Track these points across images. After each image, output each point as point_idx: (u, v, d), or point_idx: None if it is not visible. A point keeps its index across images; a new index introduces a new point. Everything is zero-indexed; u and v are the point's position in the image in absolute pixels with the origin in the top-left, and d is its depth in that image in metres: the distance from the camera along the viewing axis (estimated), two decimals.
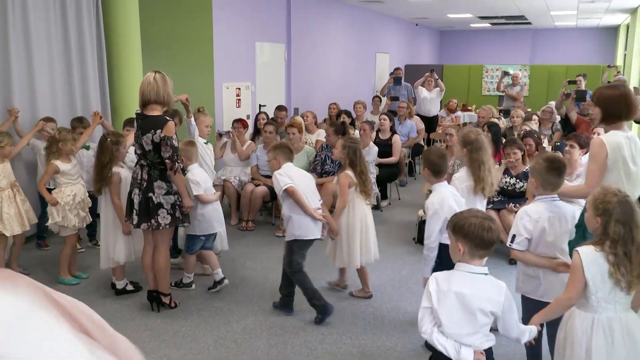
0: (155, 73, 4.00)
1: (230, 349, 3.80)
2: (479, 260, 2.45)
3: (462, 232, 2.41)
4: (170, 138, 3.90)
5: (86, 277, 5.01)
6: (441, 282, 2.42)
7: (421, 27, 19.13)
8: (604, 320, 2.44)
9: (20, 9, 5.63)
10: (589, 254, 2.47)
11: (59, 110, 6.07)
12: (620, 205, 2.44)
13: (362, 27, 14.28)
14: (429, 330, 2.41)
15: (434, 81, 10.73)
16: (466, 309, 2.36)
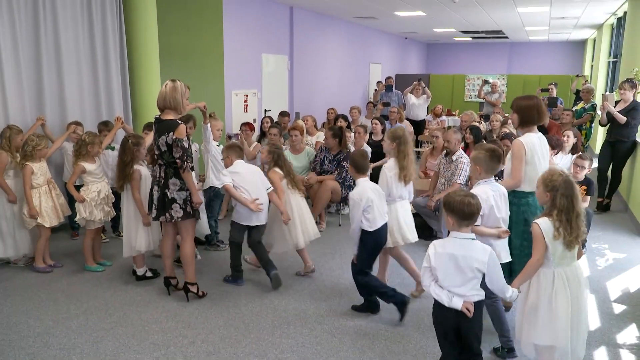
0: (169, 81, 3.98)
1: (238, 329, 3.78)
2: (466, 229, 2.75)
3: (449, 208, 2.75)
4: (180, 140, 3.89)
5: (110, 264, 4.98)
6: (438, 247, 2.79)
7: (410, 40, 19.09)
8: (561, 273, 2.87)
9: (51, 23, 5.59)
10: (545, 223, 2.84)
11: (86, 115, 6.04)
12: (564, 183, 2.82)
13: (357, 41, 14.24)
14: (427, 284, 2.81)
15: (421, 89, 10.71)
16: (457, 266, 2.70)
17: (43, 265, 4.77)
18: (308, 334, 3.72)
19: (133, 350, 3.48)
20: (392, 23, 13.98)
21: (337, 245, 5.65)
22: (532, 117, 3.61)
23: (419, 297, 4.33)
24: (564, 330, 2.82)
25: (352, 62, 14.06)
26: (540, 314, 2.87)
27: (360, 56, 14.59)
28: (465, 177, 5.60)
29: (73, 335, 3.67)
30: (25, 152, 4.59)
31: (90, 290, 4.43)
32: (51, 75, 5.64)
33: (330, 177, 6.12)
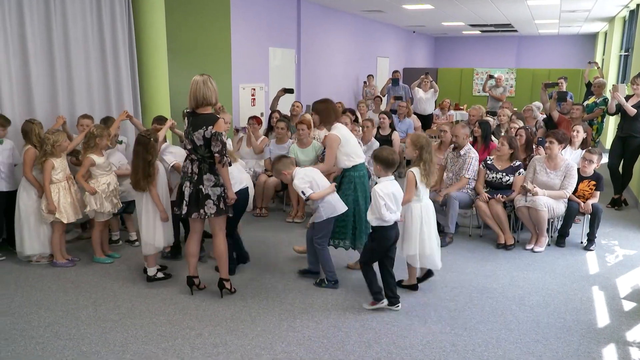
0: (198, 76, 3.89)
1: (245, 322, 3.82)
2: (390, 174, 3.88)
3: (379, 159, 3.85)
4: (220, 134, 3.84)
5: (119, 256, 5.03)
6: (383, 189, 3.78)
7: (418, 34, 19.01)
8: (425, 204, 4.12)
9: (61, 19, 5.62)
10: (417, 171, 4.05)
11: (95, 110, 6.08)
12: (427, 142, 4.05)
13: (364, 34, 14.20)
14: (384, 213, 3.75)
15: (429, 83, 10.67)
16: (394, 197, 3.81)
17: (64, 261, 4.80)
18: (314, 328, 3.75)
19: (141, 341, 3.52)
20: (399, 16, 13.92)
21: None
22: (330, 116, 4.49)
23: (426, 293, 4.34)
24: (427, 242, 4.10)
25: (360, 56, 14.02)
26: (412, 234, 4.06)
27: (368, 50, 14.55)
28: (474, 172, 5.59)
29: (82, 326, 3.72)
30: (45, 150, 4.59)
31: (99, 281, 4.48)
32: (62, 70, 5.68)
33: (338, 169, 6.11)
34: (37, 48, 5.40)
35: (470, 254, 5.29)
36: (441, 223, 5.72)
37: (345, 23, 13.01)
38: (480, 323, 3.84)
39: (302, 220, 6.25)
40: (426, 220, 4.12)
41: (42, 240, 4.74)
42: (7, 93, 5.14)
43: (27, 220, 4.68)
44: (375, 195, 3.76)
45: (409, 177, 4.08)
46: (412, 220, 4.07)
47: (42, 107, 5.49)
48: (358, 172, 4.52)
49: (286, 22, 10.49)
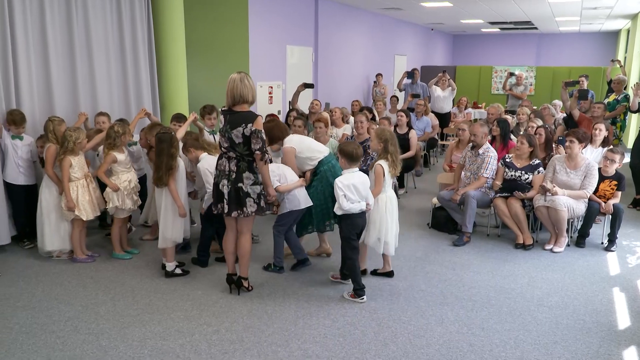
0: (235, 74, 3.88)
1: (261, 319, 3.83)
2: (355, 167, 4.05)
3: (344, 153, 4.03)
4: (260, 131, 3.83)
5: (137, 252, 5.09)
6: (344, 180, 3.97)
7: (436, 31, 18.87)
8: (389, 195, 4.33)
9: (82, 18, 5.71)
10: (384, 163, 4.24)
11: (115, 107, 6.16)
12: (390, 135, 4.27)
13: (382, 32, 14.13)
14: (344, 203, 3.94)
15: (447, 81, 10.59)
16: (355, 188, 3.97)
17: (84, 257, 4.87)
18: (330, 326, 3.75)
19: (159, 337, 3.55)
20: (418, 14, 13.83)
21: None
22: (277, 134, 4.64)
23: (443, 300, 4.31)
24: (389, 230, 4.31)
25: (377, 54, 13.97)
26: (375, 222, 4.27)
27: (385, 48, 14.48)
28: (493, 171, 5.54)
29: (101, 321, 3.76)
30: (66, 146, 4.65)
31: (118, 277, 4.54)
32: (82, 69, 5.76)
33: None
34: (58, 47, 5.49)
35: (488, 253, 5.24)
36: (458, 222, 5.68)
37: (363, 21, 12.97)
38: (498, 323, 3.81)
39: None
40: (389, 209, 4.34)
41: (62, 236, 4.81)
42: (28, 91, 5.24)
43: (48, 216, 4.75)
44: (336, 187, 3.99)
45: (377, 169, 4.28)
46: (377, 210, 4.29)
47: (63, 105, 5.58)
48: (326, 166, 4.65)
49: (304, 20, 10.49)
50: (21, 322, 3.72)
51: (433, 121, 9.33)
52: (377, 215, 4.28)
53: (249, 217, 4.06)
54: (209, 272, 4.66)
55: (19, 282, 4.40)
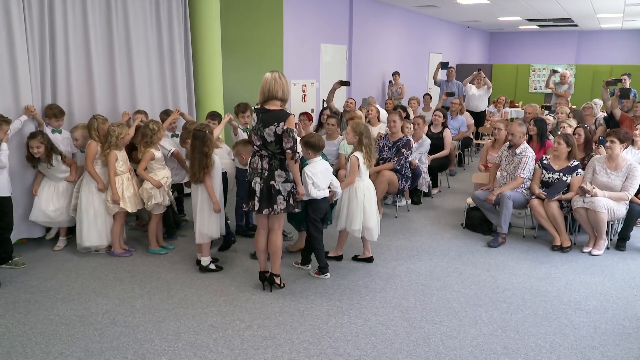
0: (269, 73, 3.90)
1: (293, 316, 3.84)
2: (317, 156, 4.29)
3: (309, 145, 4.23)
4: (291, 130, 3.85)
5: (172, 247, 5.18)
6: (312, 169, 4.21)
7: (472, 29, 18.58)
8: (365, 183, 4.63)
9: (122, 19, 5.84)
10: (360, 155, 4.56)
11: (154, 104, 6.28)
12: (365, 128, 4.60)
13: (417, 30, 14.00)
14: (311, 190, 4.18)
15: (482, 79, 10.41)
16: (322, 175, 4.26)
17: (121, 251, 4.99)
18: (362, 325, 3.73)
19: (193, 331, 3.61)
20: (453, 11, 13.64)
21: (392, 237, 5.62)
22: None
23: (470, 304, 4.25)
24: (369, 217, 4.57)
25: (412, 52, 13.84)
26: (356, 210, 4.53)
27: (420, 46, 14.34)
28: (530, 172, 5.42)
29: (137, 314, 3.85)
30: (110, 141, 4.76)
31: (154, 272, 4.63)
32: (122, 69, 5.89)
33: (388, 165, 6.07)
34: (98, 47, 5.63)
35: (524, 255, 5.13)
36: (493, 223, 5.58)
37: (398, 18, 12.87)
38: (533, 326, 3.72)
39: None
40: (367, 197, 4.62)
41: (100, 232, 4.92)
42: (66, 88, 5.40)
43: (87, 212, 4.87)
44: (304, 176, 4.19)
45: (352, 160, 4.59)
46: (356, 198, 4.58)
47: (103, 103, 5.72)
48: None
49: (338, 18, 10.48)
50: (61, 314, 3.84)
51: (468, 120, 9.19)
52: (357, 204, 4.58)
53: (279, 215, 4.08)
54: (242, 268, 4.71)
55: (59, 275, 4.54)
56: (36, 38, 5.10)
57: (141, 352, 3.36)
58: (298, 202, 4.13)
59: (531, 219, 5.77)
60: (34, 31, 5.07)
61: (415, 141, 6.76)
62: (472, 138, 9.87)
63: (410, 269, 4.75)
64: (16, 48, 4.87)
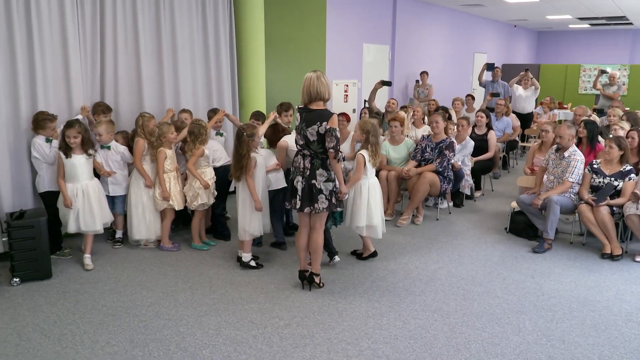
0: (312, 73, 3.94)
1: (332, 316, 3.85)
2: None
3: None
4: (335, 130, 3.87)
5: (214, 244, 5.27)
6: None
7: (519, 28, 18.14)
8: (371, 182, 4.65)
9: (169, 21, 5.99)
10: (365, 153, 4.57)
11: (199, 104, 6.41)
12: (372, 127, 4.58)
13: (462, 29, 13.78)
14: None
15: (529, 80, 10.15)
16: None
17: (170, 245, 5.13)
18: (401, 327, 3.71)
19: (233, 327, 3.67)
20: (500, 10, 13.35)
21: (433, 240, 5.55)
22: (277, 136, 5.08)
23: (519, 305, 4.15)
24: (374, 215, 4.60)
25: (456, 52, 13.63)
26: (361, 207, 4.54)
27: (465, 46, 14.11)
28: (579, 176, 5.25)
29: (180, 308, 3.94)
30: (158, 139, 4.90)
31: (196, 267, 4.73)
32: (169, 69, 6.05)
33: (430, 167, 6.00)
34: (147, 49, 5.80)
35: (571, 262, 4.98)
36: (539, 228, 5.44)
37: (442, 18, 12.70)
38: (580, 337, 3.61)
39: (391, 217, 6.20)
40: (372, 195, 4.65)
41: (148, 226, 5.06)
42: (113, 89, 5.59)
43: (136, 208, 5.02)
44: None
45: (358, 158, 4.64)
46: (360, 196, 4.60)
47: (150, 102, 5.88)
48: None
49: (381, 18, 10.42)
50: (108, 305, 3.97)
51: (514, 122, 8.98)
52: (361, 202, 4.60)
53: (321, 214, 4.10)
54: (282, 266, 4.75)
55: (107, 267, 4.70)
56: (88, 39, 5.30)
57: (183, 345, 3.44)
58: (340, 201, 4.14)
59: (579, 224, 5.60)
60: (86, 33, 5.28)
61: (459, 143, 6.66)
62: (518, 140, 9.64)
63: (451, 272, 4.69)
64: (69, 50, 5.08)
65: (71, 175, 4.56)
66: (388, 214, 6.24)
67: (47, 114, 4.69)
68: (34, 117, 4.69)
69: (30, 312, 3.85)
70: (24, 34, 4.78)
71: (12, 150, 4.78)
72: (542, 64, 17.05)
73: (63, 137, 4.52)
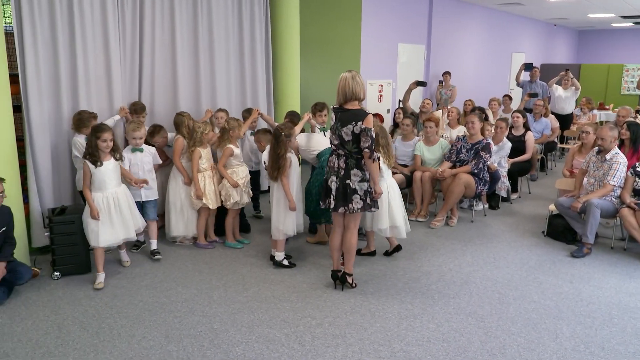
0: (347, 73, 3.94)
1: (364, 316, 3.84)
2: None
3: None
4: (370, 129, 3.86)
5: (248, 242, 5.32)
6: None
7: (559, 27, 17.69)
8: (388, 182, 4.69)
9: (206, 21, 6.08)
10: None
11: (233, 103, 6.49)
12: (380, 129, 4.62)
13: (499, 28, 13.53)
14: None
15: (570, 80, 9.89)
16: None
17: (205, 243, 5.21)
18: (435, 330, 3.67)
19: (266, 325, 3.70)
20: (539, 9, 13.05)
21: (468, 242, 5.47)
22: None
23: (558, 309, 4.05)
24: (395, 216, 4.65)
25: (493, 52, 13.40)
26: (381, 209, 4.48)
27: (502, 45, 13.85)
28: (621, 179, 5.08)
29: (214, 305, 3.99)
30: (195, 138, 4.96)
31: (230, 265, 4.78)
32: (205, 69, 6.14)
33: (465, 168, 5.91)
34: (184, 49, 5.90)
35: (612, 267, 4.82)
36: (578, 232, 5.29)
37: (480, 17, 12.50)
38: (621, 344, 3.50)
39: (425, 219, 6.14)
40: (392, 196, 4.68)
41: (185, 223, 5.15)
42: (149, 88, 5.70)
43: (174, 205, 5.11)
44: None
45: None
46: (380, 198, 4.39)
47: (186, 102, 5.98)
48: (323, 157, 4.94)
49: (417, 18, 10.33)
50: (144, 300, 4.06)
51: (553, 123, 8.76)
52: (380, 204, 4.50)
53: (355, 214, 4.08)
54: (314, 266, 4.76)
55: (144, 263, 4.80)
56: (128, 40, 5.43)
57: (217, 341, 3.48)
58: (375, 202, 4.11)
59: (621, 229, 5.43)
60: (126, 32, 5.39)
61: (496, 144, 6.54)
62: (557, 142, 9.40)
63: (486, 276, 4.61)
64: (111, 51, 5.21)
65: (100, 184, 4.27)
66: (422, 215, 6.19)
67: (88, 113, 4.83)
68: (75, 116, 4.83)
69: (70, 305, 3.97)
70: (67, 34, 4.93)
71: (53, 148, 4.94)
72: (582, 63, 16.59)
73: (90, 144, 4.24)
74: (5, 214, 4.10)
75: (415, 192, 6.24)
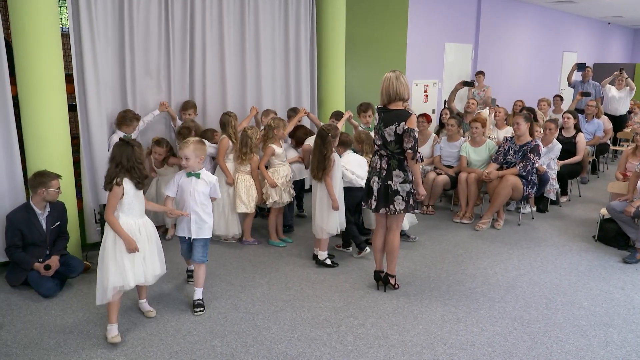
0: (390, 73, 3.90)
1: (407, 318, 3.80)
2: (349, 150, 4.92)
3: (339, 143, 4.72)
4: (413, 130, 3.82)
5: (291, 241, 5.36)
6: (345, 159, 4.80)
7: (613, 25, 17.00)
8: None
9: (253, 23, 6.17)
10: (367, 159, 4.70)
11: (277, 103, 6.56)
12: (366, 136, 5.09)
13: (550, 27, 13.13)
14: (352, 178, 4.77)
15: (624, 80, 9.48)
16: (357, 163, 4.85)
17: (251, 240, 5.30)
18: (479, 334, 3.59)
19: (308, 324, 3.71)
20: (592, 7, 12.58)
21: (514, 246, 5.33)
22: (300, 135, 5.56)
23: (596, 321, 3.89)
24: None
25: (543, 51, 13.01)
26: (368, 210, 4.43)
27: (553, 44, 13.43)
28: None
29: (257, 302, 4.04)
30: (250, 145, 5.02)
31: (273, 263, 4.83)
32: (251, 69, 6.23)
33: (512, 170, 5.76)
34: (231, 48, 6.00)
35: None
36: (631, 237, 5.07)
37: (529, 16, 12.16)
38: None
39: (470, 221, 6.02)
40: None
41: (227, 223, 5.24)
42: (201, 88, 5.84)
43: (217, 205, 5.20)
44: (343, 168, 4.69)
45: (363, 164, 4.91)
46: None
47: (233, 102, 6.08)
48: None
49: (464, 17, 10.15)
50: (190, 295, 4.14)
51: (606, 124, 8.42)
52: None
53: (398, 215, 4.04)
54: (357, 266, 4.75)
55: None
56: (177, 41, 5.56)
57: (260, 338, 3.52)
58: (418, 203, 4.06)
59: None
60: (176, 34, 5.53)
61: (545, 145, 6.35)
62: (610, 144, 9.04)
63: (533, 280, 4.48)
64: (161, 51, 5.37)
65: (131, 208, 3.39)
66: (467, 217, 6.07)
67: (132, 113, 5.09)
68: (120, 114, 5.05)
69: None
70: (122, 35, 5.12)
71: (110, 145, 5.12)
72: (638, 63, 15.88)
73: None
74: (60, 209, 4.28)
75: (460, 194, 6.13)
